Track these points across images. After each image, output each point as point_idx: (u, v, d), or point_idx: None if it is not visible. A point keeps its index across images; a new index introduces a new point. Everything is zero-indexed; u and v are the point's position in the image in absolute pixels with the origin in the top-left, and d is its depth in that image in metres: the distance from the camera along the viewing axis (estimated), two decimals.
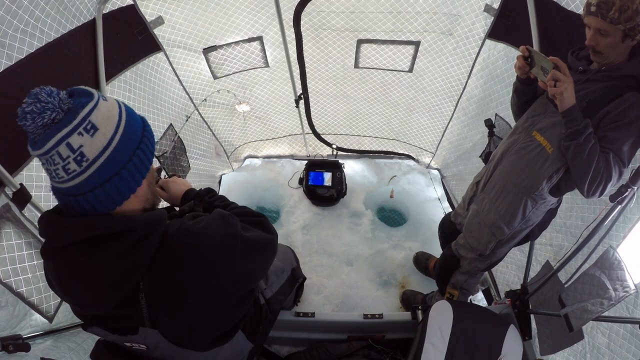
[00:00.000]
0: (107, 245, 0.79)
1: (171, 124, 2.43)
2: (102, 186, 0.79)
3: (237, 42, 2.52)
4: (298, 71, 2.69)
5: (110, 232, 0.79)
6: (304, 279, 2.06)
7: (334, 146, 3.47)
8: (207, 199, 1.20)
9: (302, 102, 2.92)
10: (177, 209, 1.22)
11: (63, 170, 0.76)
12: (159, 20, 2.15)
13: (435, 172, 3.45)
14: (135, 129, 0.84)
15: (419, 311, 1.86)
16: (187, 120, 2.64)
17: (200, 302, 0.91)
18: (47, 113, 0.72)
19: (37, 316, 1.37)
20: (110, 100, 0.82)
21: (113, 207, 0.83)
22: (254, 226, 1.06)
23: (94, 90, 0.80)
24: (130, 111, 0.85)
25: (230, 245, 0.92)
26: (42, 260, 0.89)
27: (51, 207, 1.42)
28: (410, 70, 2.68)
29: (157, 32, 2.17)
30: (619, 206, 1.31)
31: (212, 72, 2.64)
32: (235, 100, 2.89)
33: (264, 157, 3.64)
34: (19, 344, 1.22)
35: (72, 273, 0.82)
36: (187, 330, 0.96)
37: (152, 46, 2.18)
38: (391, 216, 3.25)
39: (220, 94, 2.83)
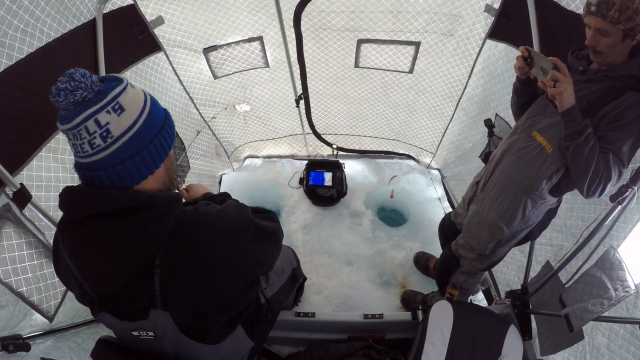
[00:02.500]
0: (129, 217, 0.83)
1: None
2: (124, 163, 0.83)
3: (237, 42, 2.52)
4: (298, 71, 2.69)
5: (133, 205, 0.83)
6: (305, 279, 2.06)
7: (334, 146, 3.47)
8: (221, 198, 1.25)
9: (302, 102, 2.92)
10: None
11: (88, 145, 0.80)
12: (159, 20, 2.15)
13: (436, 172, 3.45)
14: (157, 117, 0.91)
15: (419, 311, 1.85)
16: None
17: (212, 279, 0.94)
18: (79, 92, 0.78)
19: (38, 316, 1.37)
20: (137, 88, 0.89)
21: (131, 184, 0.87)
22: (263, 219, 1.12)
23: (123, 77, 0.87)
24: (154, 101, 0.92)
25: (243, 227, 0.98)
26: (56, 237, 0.91)
27: (51, 207, 1.45)
28: (411, 71, 2.68)
29: (157, 32, 2.17)
30: (620, 206, 1.30)
31: (212, 72, 2.64)
32: (235, 101, 2.90)
33: (265, 157, 3.64)
34: (19, 343, 1.22)
35: (91, 244, 0.84)
36: (196, 313, 0.98)
37: (152, 46, 2.18)
38: (391, 216, 3.25)
39: (220, 93, 2.84)
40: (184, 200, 1.01)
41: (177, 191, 1.02)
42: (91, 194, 0.83)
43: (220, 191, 3.11)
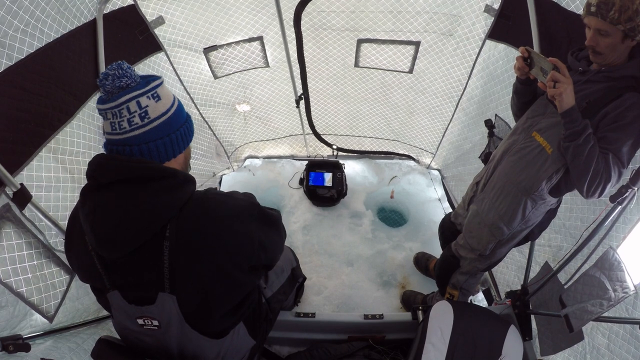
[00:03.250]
0: (149, 184, 0.92)
1: None
2: (155, 141, 0.96)
3: (237, 42, 2.52)
4: (298, 71, 2.69)
5: (155, 175, 0.93)
6: (304, 279, 2.06)
7: (334, 147, 3.47)
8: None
9: (302, 102, 2.92)
10: None
11: (127, 122, 0.93)
12: (160, 20, 2.15)
13: (436, 172, 3.45)
14: (182, 113, 1.06)
15: (420, 311, 1.86)
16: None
17: (218, 256, 0.98)
18: (125, 79, 0.92)
19: (38, 316, 1.37)
20: (169, 89, 1.04)
21: (159, 162, 0.99)
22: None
23: (161, 76, 1.03)
24: (180, 103, 1.08)
25: (249, 210, 1.06)
26: (78, 198, 0.98)
27: (51, 208, 1.45)
28: (411, 71, 2.68)
29: (158, 32, 2.17)
30: (619, 207, 1.31)
31: (212, 71, 2.65)
32: (236, 100, 2.90)
33: (265, 158, 3.64)
34: (19, 344, 1.23)
35: (110, 205, 0.91)
36: (201, 294, 1.00)
37: (153, 46, 2.18)
38: (391, 216, 3.25)
39: (221, 93, 2.84)
40: None
41: None
42: (122, 159, 0.92)
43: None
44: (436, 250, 2.59)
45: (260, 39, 2.54)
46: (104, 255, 0.96)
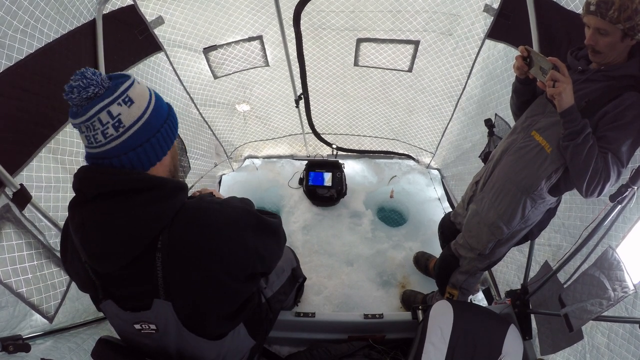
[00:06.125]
0: (137, 196, 0.89)
1: None
2: (135, 150, 0.91)
3: (237, 42, 2.52)
4: (298, 70, 2.69)
5: (143, 186, 0.90)
6: (304, 279, 2.06)
7: (334, 146, 3.47)
8: None
9: (302, 102, 2.92)
10: None
11: (102, 135, 0.87)
12: (159, 20, 2.15)
13: (435, 172, 3.45)
14: (162, 109, 0.99)
15: (420, 311, 1.85)
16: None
17: (212, 265, 0.96)
18: (91, 88, 0.85)
19: (38, 316, 1.37)
20: (142, 84, 0.97)
21: (142, 170, 0.94)
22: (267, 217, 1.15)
23: (130, 74, 0.95)
24: (158, 96, 1.01)
25: (245, 218, 1.03)
26: (68, 212, 0.96)
27: (51, 208, 1.45)
28: (410, 69, 2.68)
29: (158, 32, 2.17)
30: (619, 206, 1.31)
31: (212, 71, 2.65)
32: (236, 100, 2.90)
33: (264, 157, 3.64)
34: (19, 344, 1.23)
35: (98, 221, 0.89)
36: (196, 300, 0.99)
37: (152, 46, 2.18)
38: (391, 216, 3.25)
39: (221, 93, 2.83)
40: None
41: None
42: (104, 172, 0.89)
43: (220, 192, 3.14)
44: (436, 250, 2.59)
45: (260, 38, 2.54)
46: (97, 269, 0.95)
